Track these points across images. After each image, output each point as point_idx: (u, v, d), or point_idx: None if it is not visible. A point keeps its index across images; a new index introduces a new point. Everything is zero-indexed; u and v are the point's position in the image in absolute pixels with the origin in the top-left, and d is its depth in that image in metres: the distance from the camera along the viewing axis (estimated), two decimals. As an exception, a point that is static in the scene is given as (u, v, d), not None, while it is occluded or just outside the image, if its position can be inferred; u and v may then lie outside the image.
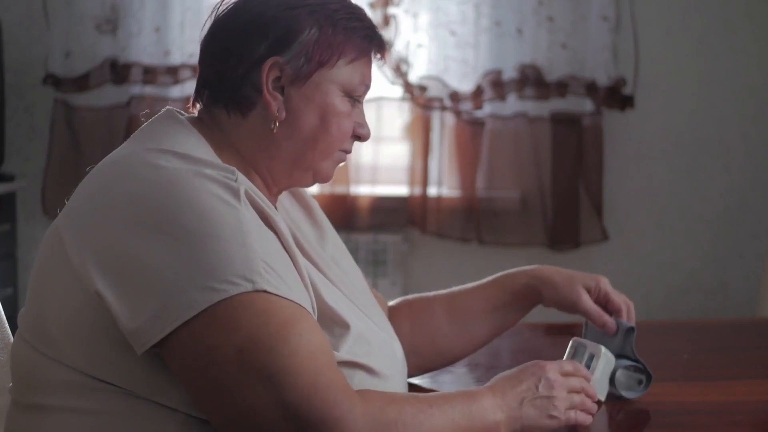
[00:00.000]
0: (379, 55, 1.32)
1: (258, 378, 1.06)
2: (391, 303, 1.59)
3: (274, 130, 1.25)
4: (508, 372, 1.28)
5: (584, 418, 1.30)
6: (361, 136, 1.32)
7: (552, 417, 1.25)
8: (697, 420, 1.42)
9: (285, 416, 1.06)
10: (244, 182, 1.16)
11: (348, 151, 1.32)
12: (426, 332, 1.53)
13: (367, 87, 1.31)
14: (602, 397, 1.41)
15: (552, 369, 1.28)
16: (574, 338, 1.46)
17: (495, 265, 3.44)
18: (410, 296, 1.60)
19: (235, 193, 1.13)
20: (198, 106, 1.31)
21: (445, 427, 1.15)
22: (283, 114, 1.25)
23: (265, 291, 1.08)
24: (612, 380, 1.44)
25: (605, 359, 1.42)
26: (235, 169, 1.16)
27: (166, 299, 1.07)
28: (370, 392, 1.14)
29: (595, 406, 1.33)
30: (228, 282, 1.07)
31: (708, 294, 3.51)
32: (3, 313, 1.46)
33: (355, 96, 1.29)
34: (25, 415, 1.21)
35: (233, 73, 1.25)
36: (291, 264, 1.18)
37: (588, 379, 1.33)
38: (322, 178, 1.32)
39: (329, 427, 1.06)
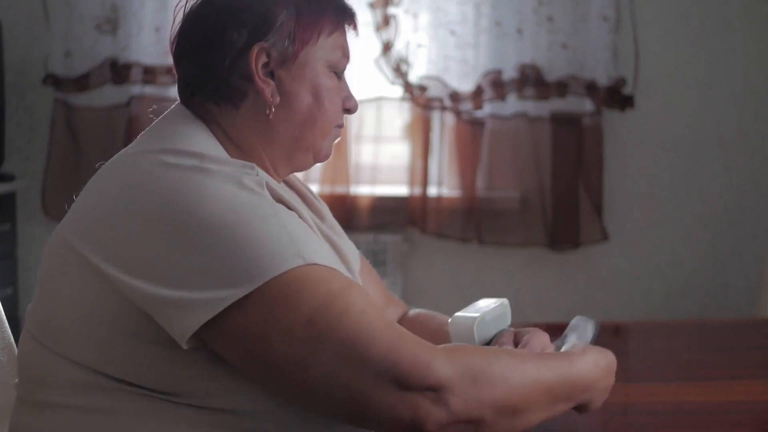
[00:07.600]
0: (351, 27, 1.33)
1: (334, 342, 1.04)
2: (412, 311, 1.60)
3: (271, 116, 1.25)
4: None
5: None
6: (350, 108, 1.33)
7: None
8: (697, 420, 1.42)
9: (375, 372, 1.04)
10: (264, 176, 1.17)
11: (341, 126, 1.33)
12: None
13: (348, 59, 1.32)
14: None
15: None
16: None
17: (495, 266, 3.49)
18: (434, 312, 1.59)
19: (259, 183, 1.14)
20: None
21: (538, 382, 1.11)
22: (278, 98, 1.25)
23: (316, 264, 1.09)
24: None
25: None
26: (254, 165, 1.17)
27: (215, 284, 1.06)
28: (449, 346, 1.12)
29: None
30: (280, 258, 1.07)
31: (708, 294, 3.51)
32: (3, 313, 1.46)
33: (339, 70, 1.30)
34: (31, 413, 1.20)
35: (218, 66, 1.24)
36: (322, 242, 1.18)
37: None
38: (322, 157, 1.32)
39: (423, 370, 1.04)
